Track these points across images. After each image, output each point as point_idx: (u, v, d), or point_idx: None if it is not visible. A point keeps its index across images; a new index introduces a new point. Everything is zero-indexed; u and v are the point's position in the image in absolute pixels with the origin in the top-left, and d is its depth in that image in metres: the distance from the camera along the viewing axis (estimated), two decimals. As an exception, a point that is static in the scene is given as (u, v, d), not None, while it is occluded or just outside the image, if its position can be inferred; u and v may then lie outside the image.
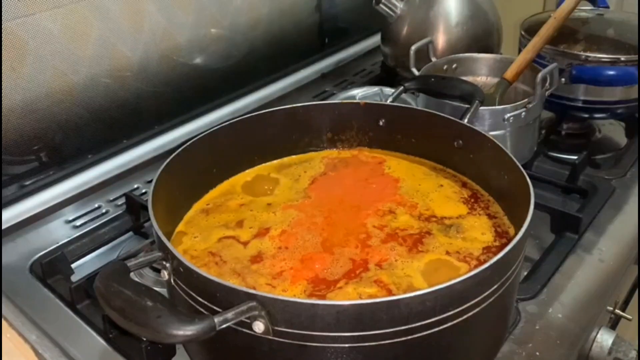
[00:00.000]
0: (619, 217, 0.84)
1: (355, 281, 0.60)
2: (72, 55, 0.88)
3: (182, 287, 0.54)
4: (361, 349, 0.50)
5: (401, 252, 0.64)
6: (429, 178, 0.76)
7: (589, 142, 1.03)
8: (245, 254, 0.65)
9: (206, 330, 0.46)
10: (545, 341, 0.66)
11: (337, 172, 0.78)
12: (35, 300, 0.72)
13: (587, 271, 0.75)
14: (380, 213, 0.70)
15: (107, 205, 0.90)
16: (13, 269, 0.77)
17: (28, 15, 0.81)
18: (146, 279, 0.75)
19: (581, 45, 1.00)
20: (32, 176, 0.89)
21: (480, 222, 0.68)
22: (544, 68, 0.87)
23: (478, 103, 0.79)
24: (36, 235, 0.84)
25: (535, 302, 0.70)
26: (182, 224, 0.70)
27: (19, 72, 0.82)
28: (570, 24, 1.02)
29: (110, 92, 0.94)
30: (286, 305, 0.49)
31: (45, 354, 0.65)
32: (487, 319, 0.56)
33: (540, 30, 0.93)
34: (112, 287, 0.50)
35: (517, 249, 0.54)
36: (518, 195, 0.63)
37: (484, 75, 1.00)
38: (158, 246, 0.57)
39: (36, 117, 0.86)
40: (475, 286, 0.51)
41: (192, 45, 1.03)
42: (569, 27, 1.02)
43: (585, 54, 0.96)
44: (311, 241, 0.66)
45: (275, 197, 0.74)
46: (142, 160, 0.97)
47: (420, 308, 0.49)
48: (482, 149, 0.71)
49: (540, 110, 0.91)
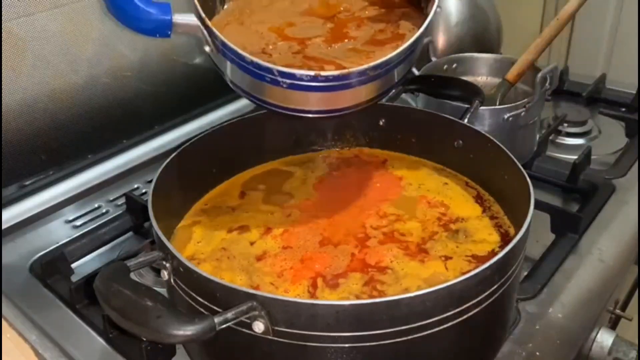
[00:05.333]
0: (619, 217, 0.84)
1: (355, 281, 0.60)
2: (72, 55, 0.87)
3: (182, 287, 0.54)
4: (361, 349, 0.50)
5: (401, 256, 0.64)
6: (432, 177, 0.76)
7: (589, 142, 1.03)
8: (250, 252, 0.64)
9: (206, 330, 0.46)
10: (545, 341, 0.65)
11: (340, 171, 0.78)
12: (35, 300, 0.72)
13: (587, 271, 0.75)
14: (382, 213, 0.70)
15: (107, 205, 0.90)
16: (13, 269, 0.77)
17: (28, 15, 0.81)
18: (146, 279, 0.75)
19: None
20: (32, 176, 0.89)
21: (484, 223, 0.68)
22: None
23: (478, 103, 0.79)
24: (36, 235, 0.84)
25: (535, 302, 0.70)
26: (182, 223, 0.70)
27: (19, 72, 0.82)
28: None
29: (110, 92, 0.93)
30: (286, 305, 0.49)
31: (45, 354, 0.65)
32: (487, 319, 0.56)
33: (543, 32, 0.93)
34: (112, 287, 0.50)
35: (517, 249, 0.54)
36: (518, 195, 0.63)
37: (484, 75, 1.00)
38: (158, 246, 0.57)
39: (36, 116, 0.86)
40: (475, 286, 0.51)
41: (192, 45, 1.03)
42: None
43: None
44: (312, 241, 0.66)
45: (276, 196, 0.74)
46: (142, 160, 0.97)
47: (420, 308, 0.49)
48: (482, 149, 0.71)
49: (540, 110, 0.91)
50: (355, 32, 0.65)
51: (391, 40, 0.64)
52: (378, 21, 0.67)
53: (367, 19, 0.67)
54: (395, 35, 0.64)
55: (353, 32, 0.65)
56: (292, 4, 0.68)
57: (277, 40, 0.64)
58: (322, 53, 0.62)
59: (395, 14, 0.67)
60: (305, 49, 0.63)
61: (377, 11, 0.68)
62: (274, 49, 0.63)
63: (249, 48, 0.61)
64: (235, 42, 0.59)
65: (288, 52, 0.62)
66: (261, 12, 0.67)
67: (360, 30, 0.65)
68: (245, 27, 0.65)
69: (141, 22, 0.57)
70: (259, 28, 0.65)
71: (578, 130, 1.06)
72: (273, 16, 0.67)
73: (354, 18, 0.67)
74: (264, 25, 0.65)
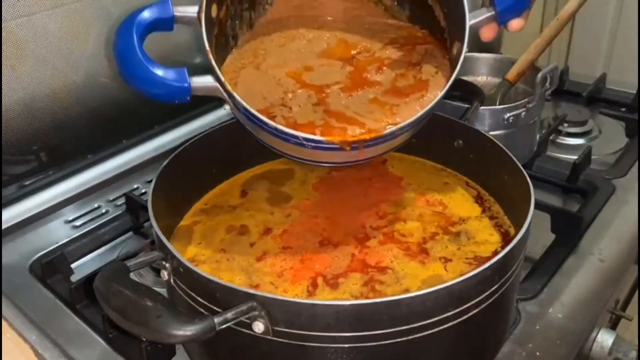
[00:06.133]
0: (619, 217, 0.84)
1: (355, 281, 0.60)
2: (72, 55, 0.87)
3: (182, 287, 0.54)
4: (361, 349, 0.50)
5: (401, 256, 0.64)
6: (432, 177, 0.76)
7: (589, 142, 1.03)
8: (250, 253, 0.64)
9: (206, 330, 0.46)
10: (545, 341, 0.65)
11: (340, 171, 0.78)
12: (35, 300, 0.72)
13: (587, 271, 0.75)
14: (381, 213, 0.70)
15: (107, 205, 0.89)
16: (13, 269, 0.77)
17: (28, 15, 0.81)
18: (146, 279, 0.75)
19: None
20: (32, 176, 0.88)
21: (484, 224, 0.68)
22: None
23: (478, 103, 0.79)
24: (36, 235, 0.84)
25: (535, 302, 0.70)
26: (182, 223, 0.70)
27: (19, 72, 0.82)
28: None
29: (110, 91, 0.93)
30: (286, 305, 0.49)
31: (44, 354, 0.65)
32: (487, 319, 0.56)
33: (543, 32, 0.93)
34: (112, 287, 0.50)
35: (517, 249, 0.54)
36: (518, 195, 0.63)
37: (484, 75, 1.00)
38: (158, 246, 0.57)
39: (36, 116, 0.86)
40: (475, 286, 0.51)
41: (192, 45, 1.02)
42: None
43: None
44: (312, 241, 0.66)
45: (276, 197, 0.74)
46: (142, 160, 0.97)
47: (421, 308, 0.49)
48: (482, 149, 0.71)
49: (540, 110, 0.91)
50: (375, 76, 0.63)
51: (414, 88, 0.61)
52: (399, 63, 0.64)
53: (388, 60, 0.64)
54: (418, 83, 0.62)
55: (373, 76, 0.63)
56: (309, 43, 0.65)
57: (296, 88, 0.62)
58: (343, 106, 0.60)
59: (417, 52, 0.64)
60: (326, 99, 0.61)
61: (397, 50, 0.65)
62: (293, 98, 0.61)
63: (268, 98, 0.60)
64: (253, 92, 0.58)
65: (308, 103, 0.60)
66: (277, 53, 0.64)
67: (380, 74, 0.63)
68: (262, 72, 0.63)
69: (160, 92, 0.56)
70: (276, 73, 0.63)
71: (578, 130, 1.06)
72: (289, 58, 0.64)
73: (374, 59, 0.64)
74: (281, 70, 0.63)
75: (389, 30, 0.66)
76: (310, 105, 0.60)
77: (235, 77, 0.61)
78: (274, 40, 0.64)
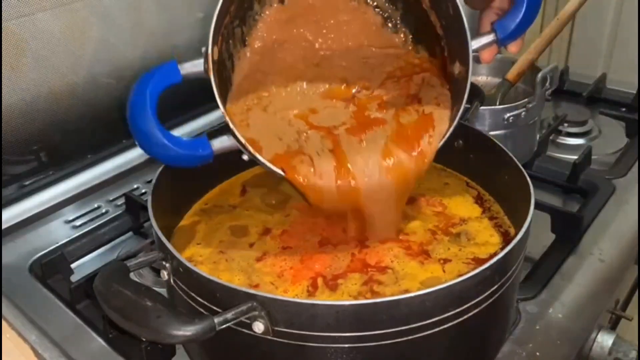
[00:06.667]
0: (619, 217, 0.84)
1: (354, 281, 0.60)
2: (72, 55, 0.87)
3: (181, 287, 0.54)
4: (361, 349, 0.50)
5: (402, 256, 0.64)
6: (432, 177, 0.76)
7: (589, 142, 1.03)
8: (250, 254, 0.64)
9: (206, 330, 0.46)
10: (545, 341, 0.65)
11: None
12: (35, 300, 0.72)
13: (587, 271, 0.75)
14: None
15: (107, 205, 0.89)
16: (13, 269, 0.77)
17: (28, 15, 0.81)
18: (146, 279, 0.75)
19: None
20: (32, 176, 0.89)
21: (484, 224, 0.68)
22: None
23: (478, 103, 0.79)
24: (36, 235, 0.84)
25: (535, 302, 0.70)
26: (182, 223, 0.70)
27: (19, 72, 0.82)
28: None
29: (110, 92, 0.93)
30: (286, 305, 0.49)
31: (44, 354, 0.65)
32: (487, 319, 0.56)
33: (543, 32, 0.93)
34: (112, 287, 0.50)
35: (517, 249, 0.54)
36: (518, 195, 0.63)
37: (484, 75, 1.00)
38: (158, 246, 0.57)
39: (36, 116, 0.86)
40: (475, 286, 0.51)
41: (192, 45, 1.02)
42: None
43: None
44: (311, 241, 0.66)
45: (276, 197, 0.74)
46: (142, 160, 0.97)
47: (421, 308, 0.49)
48: (482, 149, 0.71)
49: (540, 110, 0.90)
50: (377, 113, 0.64)
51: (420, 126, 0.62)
52: (398, 98, 0.64)
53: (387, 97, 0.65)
54: (422, 118, 0.62)
55: (374, 113, 0.64)
56: (310, 84, 0.65)
57: (306, 128, 0.63)
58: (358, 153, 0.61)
59: (414, 82, 0.65)
60: (340, 145, 0.61)
61: (395, 85, 0.65)
62: (307, 140, 0.61)
63: (284, 139, 0.61)
64: (267, 133, 0.59)
65: (324, 149, 0.61)
66: (280, 94, 0.64)
67: (382, 111, 0.64)
68: (270, 114, 0.63)
69: (188, 164, 0.59)
70: (284, 115, 0.63)
71: (578, 130, 1.06)
72: (294, 100, 0.64)
73: (373, 97, 0.65)
74: (289, 112, 0.63)
75: (385, 64, 0.66)
76: (327, 151, 0.61)
77: (245, 118, 0.61)
78: (275, 81, 0.64)
